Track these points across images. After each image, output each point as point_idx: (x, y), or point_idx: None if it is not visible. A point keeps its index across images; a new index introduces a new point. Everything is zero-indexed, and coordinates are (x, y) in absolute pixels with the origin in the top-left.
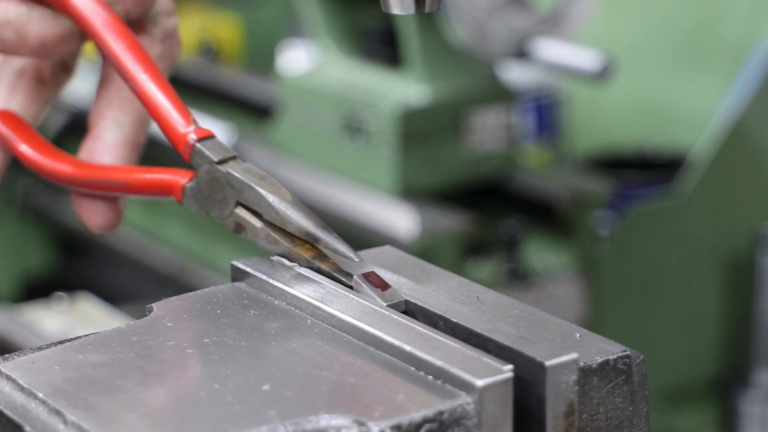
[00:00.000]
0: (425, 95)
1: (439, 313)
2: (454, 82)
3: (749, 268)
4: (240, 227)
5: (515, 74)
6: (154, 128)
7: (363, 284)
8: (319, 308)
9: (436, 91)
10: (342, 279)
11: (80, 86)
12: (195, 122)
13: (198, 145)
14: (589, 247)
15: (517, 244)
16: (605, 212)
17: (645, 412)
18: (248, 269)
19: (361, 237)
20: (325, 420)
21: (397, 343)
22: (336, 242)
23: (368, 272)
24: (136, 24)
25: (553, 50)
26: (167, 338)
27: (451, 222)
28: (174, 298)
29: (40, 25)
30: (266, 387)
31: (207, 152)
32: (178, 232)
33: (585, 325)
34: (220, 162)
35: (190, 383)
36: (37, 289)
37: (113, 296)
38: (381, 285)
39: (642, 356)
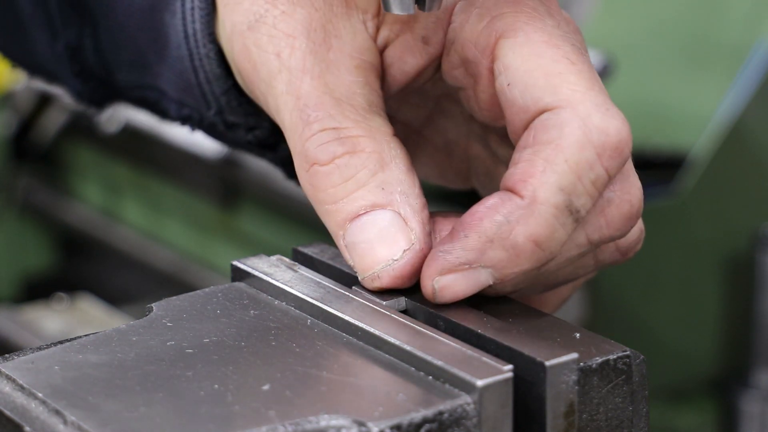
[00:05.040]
0: None
1: (439, 313)
2: None
3: (749, 267)
4: None
5: None
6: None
7: (361, 290)
8: (319, 308)
9: None
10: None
11: None
12: None
13: None
14: None
15: None
16: None
17: (645, 412)
18: (248, 269)
19: None
20: (325, 420)
21: (397, 343)
22: None
23: None
24: None
25: None
26: (167, 338)
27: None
28: (174, 298)
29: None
30: (266, 387)
31: None
32: (178, 232)
33: (585, 325)
34: None
35: (190, 383)
36: (37, 289)
37: (113, 296)
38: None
39: (642, 356)
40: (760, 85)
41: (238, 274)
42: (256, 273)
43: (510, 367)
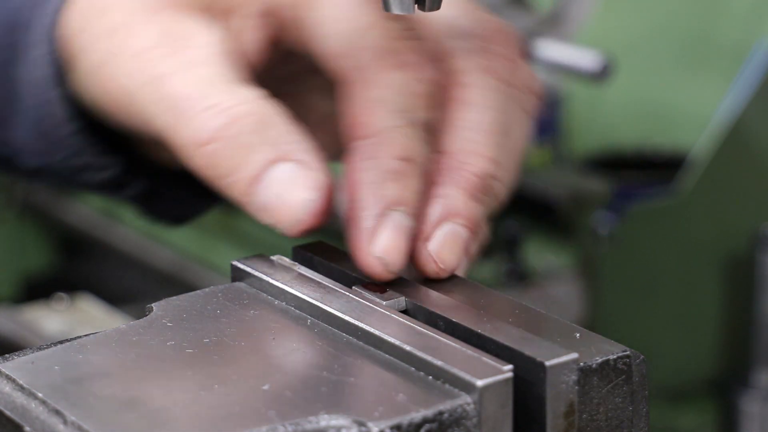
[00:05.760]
0: None
1: (439, 313)
2: None
3: (749, 267)
4: None
5: None
6: None
7: (362, 290)
8: (319, 308)
9: None
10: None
11: None
12: None
13: None
14: (589, 247)
15: (518, 244)
16: (605, 212)
17: (645, 412)
18: (248, 269)
19: None
20: (325, 420)
21: (397, 343)
22: None
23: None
24: None
25: (553, 50)
26: (167, 338)
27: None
28: (174, 298)
29: None
30: (266, 387)
31: None
32: (178, 232)
33: (585, 325)
34: None
35: (190, 383)
36: (37, 289)
37: (113, 296)
38: (379, 290)
39: (642, 356)
40: (760, 85)
41: (238, 274)
42: (256, 273)
43: (510, 367)
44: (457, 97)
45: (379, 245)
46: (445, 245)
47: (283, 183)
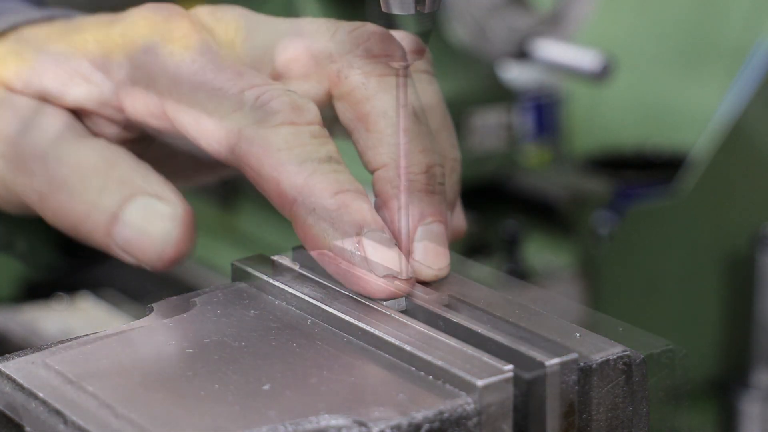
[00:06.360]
0: None
1: (439, 312)
2: (454, 82)
3: (749, 268)
4: None
5: (515, 74)
6: None
7: None
8: (319, 308)
9: None
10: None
11: None
12: None
13: None
14: (589, 247)
15: (517, 244)
16: (605, 212)
17: (645, 412)
18: (248, 269)
19: None
20: (325, 420)
21: (397, 343)
22: None
23: None
24: None
25: (553, 50)
26: (167, 338)
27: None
28: (174, 298)
29: None
30: (266, 387)
31: None
32: None
33: (585, 325)
34: None
35: (190, 383)
36: (37, 289)
37: (113, 296)
38: None
39: (642, 356)
40: (760, 85)
41: (238, 274)
42: (256, 273)
43: (510, 367)
44: (365, 112)
45: (386, 262)
46: (428, 248)
47: (141, 218)
